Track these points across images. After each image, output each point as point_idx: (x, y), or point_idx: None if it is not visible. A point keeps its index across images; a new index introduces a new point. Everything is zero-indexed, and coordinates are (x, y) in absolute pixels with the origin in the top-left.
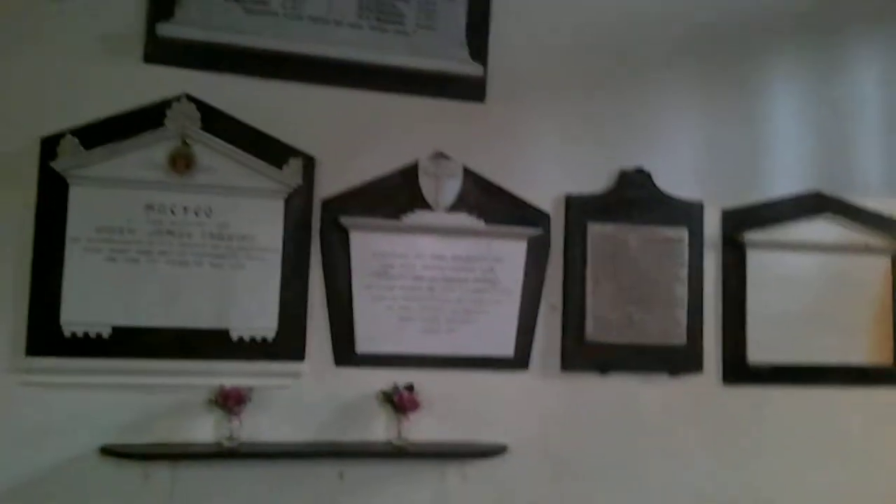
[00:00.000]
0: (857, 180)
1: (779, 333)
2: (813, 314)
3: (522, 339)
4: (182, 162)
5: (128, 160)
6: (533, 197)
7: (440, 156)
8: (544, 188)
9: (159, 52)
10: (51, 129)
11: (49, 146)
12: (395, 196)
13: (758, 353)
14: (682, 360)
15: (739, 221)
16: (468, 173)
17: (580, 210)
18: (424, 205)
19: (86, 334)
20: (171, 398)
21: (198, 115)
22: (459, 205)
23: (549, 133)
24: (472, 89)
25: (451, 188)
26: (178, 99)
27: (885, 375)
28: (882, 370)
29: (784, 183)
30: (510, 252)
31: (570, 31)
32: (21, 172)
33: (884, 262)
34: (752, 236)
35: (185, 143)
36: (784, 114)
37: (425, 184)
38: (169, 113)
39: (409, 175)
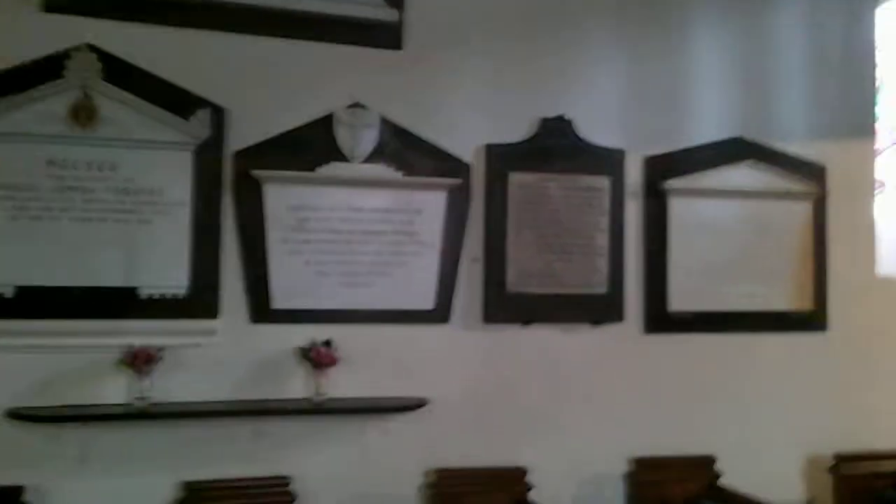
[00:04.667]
0: (778, 125)
1: (700, 281)
2: (734, 261)
3: (443, 292)
4: (84, 114)
5: (27, 114)
6: (452, 146)
7: (356, 105)
8: (464, 137)
9: None
10: None
11: None
12: (310, 147)
13: (679, 301)
14: (603, 309)
15: (661, 169)
16: (385, 123)
17: (501, 159)
18: (340, 156)
19: None
20: (80, 359)
21: (100, 65)
22: (377, 156)
23: (469, 81)
24: (388, 36)
25: (368, 139)
26: (78, 48)
27: (806, 321)
28: (802, 315)
29: (706, 129)
30: (430, 203)
31: None
32: None
33: (805, 208)
34: (673, 184)
35: (86, 94)
36: (706, 60)
37: (341, 134)
38: (69, 63)
39: (324, 126)
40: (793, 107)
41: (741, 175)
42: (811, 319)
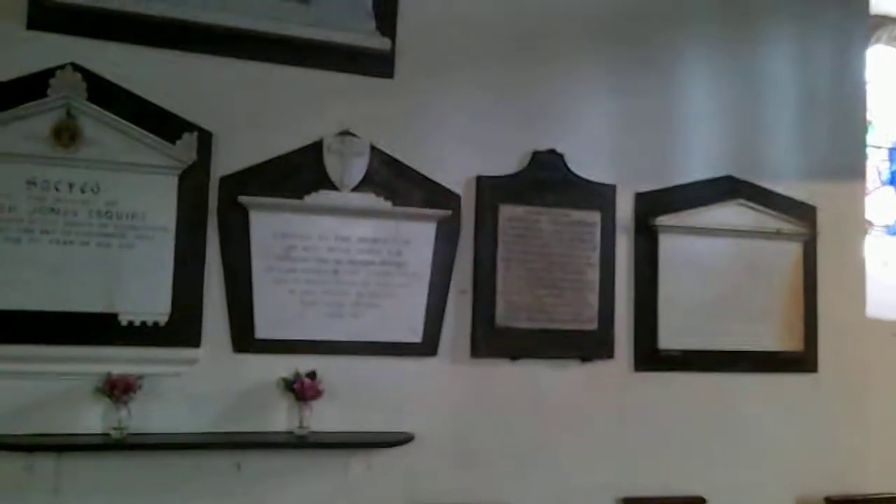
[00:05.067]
0: (769, 165)
1: (690, 319)
2: (724, 300)
3: (431, 325)
4: (66, 135)
5: (8, 132)
6: (443, 177)
7: (346, 133)
8: (455, 169)
9: (44, 17)
10: None
11: None
12: (299, 174)
13: (669, 339)
14: (593, 345)
15: (652, 205)
16: (375, 152)
17: (491, 191)
18: (329, 184)
19: None
20: (56, 386)
21: (84, 85)
22: (366, 185)
23: (461, 112)
24: (380, 64)
25: (358, 167)
26: (62, 67)
27: (796, 362)
28: (792, 356)
29: (697, 167)
30: (419, 234)
31: (483, 6)
32: None
33: (795, 248)
34: (664, 220)
35: (69, 114)
36: (697, 98)
37: (330, 162)
38: (53, 82)
39: (313, 153)
40: (783, 146)
41: (731, 214)
42: (801, 360)
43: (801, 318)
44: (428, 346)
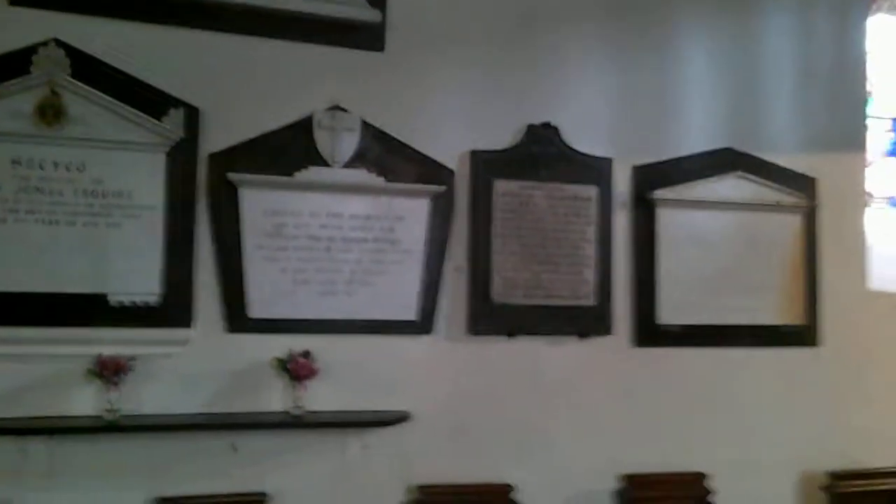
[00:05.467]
0: (769, 137)
1: (690, 294)
2: (724, 274)
3: (426, 302)
4: (51, 112)
5: None
6: (436, 152)
7: (336, 108)
8: (448, 143)
9: None
10: None
11: None
12: (289, 151)
13: (669, 314)
14: (591, 321)
15: (650, 179)
16: (367, 127)
17: (486, 166)
18: (320, 160)
19: None
20: (47, 368)
21: (68, 61)
22: (357, 160)
23: (454, 85)
24: (370, 37)
25: (349, 143)
26: (45, 44)
27: (797, 335)
28: (793, 330)
29: (695, 139)
30: (412, 210)
31: None
32: None
33: (795, 220)
34: (662, 194)
35: (53, 91)
36: (695, 67)
37: (321, 138)
38: (36, 59)
39: (303, 128)
40: (782, 118)
41: (730, 186)
42: (802, 333)
43: (802, 291)
44: (423, 324)
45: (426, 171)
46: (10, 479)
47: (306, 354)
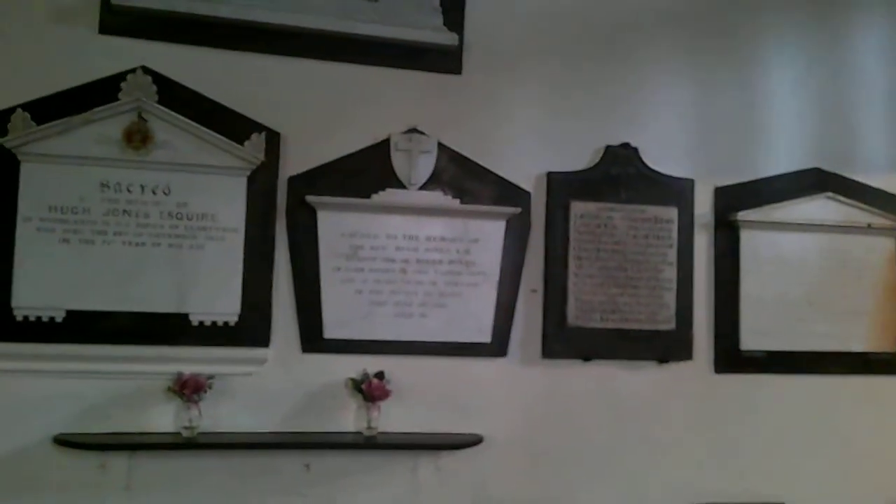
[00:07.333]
0: (859, 156)
1: (774, 319)
2: (811, 298)
3: (500, 325)
4: (138, 137)
5: (81, 136)
6: (512, 174)
7: (413, 131)
8: (524, 165)
9: (115, 21)
10: (1, 103)
11: None
12: (366, 173)
13: (752, 339)
14: (670, 346)
15: (733, 200)
16: (443, 149)
17: (562, 188)
18: (397, 182)
19: (38, 319)
20: (129, 385)
21: (155, 88)
22: (434, 182)
23: (530, 107)
24: (447, 60)
25: (425, 165)
26: (133, 71)
27: (888, 363)
28: (884, 358)
29: (781, 159)
30: (488, 232)
31: None
32: None
33: (887, 243)
34: (746, 216)
35: (141, 117)
36: (781, 85)
37: (398, 160)
38: (124, 86)
39: (380, 151)
40: (874, 138)
41: (818, 208)
42: (894, 361)
43: (894, 316)
44: (497, 347)
45: (502, 192)
46: (91, 493)
47: (380, 375)
